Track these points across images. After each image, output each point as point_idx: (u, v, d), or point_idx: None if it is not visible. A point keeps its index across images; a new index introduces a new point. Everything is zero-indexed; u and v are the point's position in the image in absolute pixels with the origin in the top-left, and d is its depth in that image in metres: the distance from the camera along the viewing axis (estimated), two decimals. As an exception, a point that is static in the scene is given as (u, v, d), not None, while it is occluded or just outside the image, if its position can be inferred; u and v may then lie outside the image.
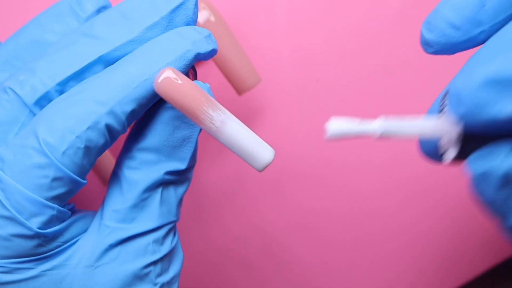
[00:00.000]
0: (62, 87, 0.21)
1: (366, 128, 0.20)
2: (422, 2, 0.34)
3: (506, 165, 0.17)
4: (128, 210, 0.22)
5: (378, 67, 0.35)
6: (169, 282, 0.23)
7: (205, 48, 0.22)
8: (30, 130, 0.20)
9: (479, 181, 0.18)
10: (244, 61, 0.31)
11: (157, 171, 0.22)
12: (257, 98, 0.35)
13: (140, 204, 0.22)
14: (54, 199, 0.20)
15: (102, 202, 0.23)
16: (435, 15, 0.20)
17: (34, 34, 0.23)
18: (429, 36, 0.21)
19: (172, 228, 0.23)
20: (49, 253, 0.21)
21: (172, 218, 0.23)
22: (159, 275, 0.23)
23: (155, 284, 0.23)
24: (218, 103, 0.20)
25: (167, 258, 0.23)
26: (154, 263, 0.22)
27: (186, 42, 0.21)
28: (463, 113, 0.17)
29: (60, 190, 0.20)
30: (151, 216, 0.22)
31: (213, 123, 0.20)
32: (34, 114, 0.21)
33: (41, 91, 0.21)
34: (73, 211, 0.22)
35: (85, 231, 0.22)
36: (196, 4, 0.22)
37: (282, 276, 0.37)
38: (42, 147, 0.20)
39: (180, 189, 0.23)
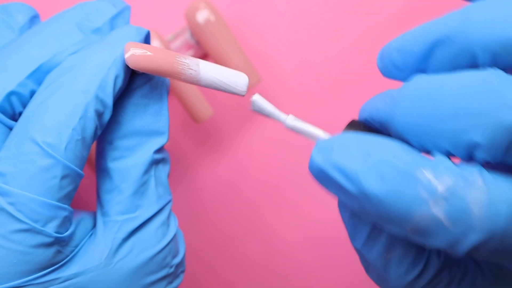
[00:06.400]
0: (21, 88, 0.21)
1: (279, 116, 0.21)
2: (423, 5, 0.34)
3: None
4: (129, 199, 0.22)
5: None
6: (180, 263, 0.24)
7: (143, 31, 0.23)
8: (22, 137, 0.20)
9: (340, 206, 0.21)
10: (244, 61, 0.31)
11: (146, 152, 0.22)
12: (257, 98, 0.35)
13: (139, 190, 0.22)
14: (64, 198, 0.20)
15: (97, 201, 0.23)
16: (385, 50, 0.20)
17: None
18: (379, 65, 0.21)
19: (170, 207, 0.24)
20: (66, 259, 0.21)
21: (168, 197, 0.23)
22: (173, 256, 0.23)
23: (171, 267, 0.23)
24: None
25: (175, 238, 0.23)
26: (167, 245, 0.23)
27: (133, 27, 0.22)
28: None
29: (69, 188, 0.20)
30: (152, 200, 0.22)
31: (191, 68, 0.21)
32: None
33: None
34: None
35: (88, 233, 0.22)
36: (129, 12, 0.24)
37: (280, 277, 0.37)
38: (45, 149, 0.19)
39: (167, 168, 0.24)
